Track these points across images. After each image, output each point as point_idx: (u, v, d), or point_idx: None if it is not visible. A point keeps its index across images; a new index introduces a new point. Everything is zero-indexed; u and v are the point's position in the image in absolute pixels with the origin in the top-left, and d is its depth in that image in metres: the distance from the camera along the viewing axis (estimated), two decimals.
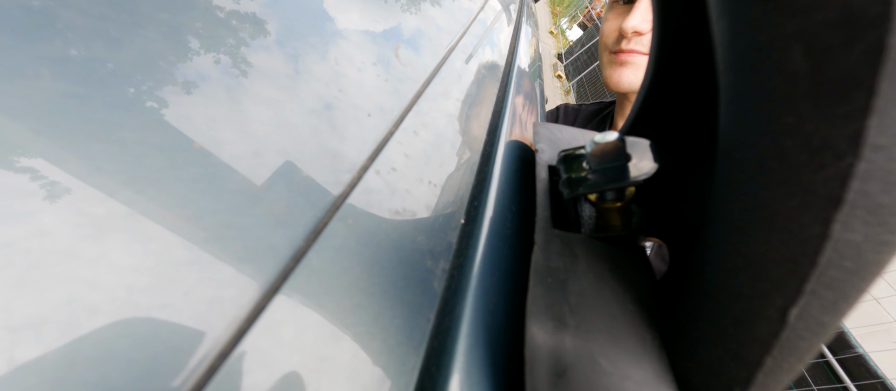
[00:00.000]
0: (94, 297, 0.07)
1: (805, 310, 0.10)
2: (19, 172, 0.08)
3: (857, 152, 0.08)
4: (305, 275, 0.11)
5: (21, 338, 0.07)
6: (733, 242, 0.11)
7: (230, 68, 0.13)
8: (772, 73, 0.09)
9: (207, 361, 0.08)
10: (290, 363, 0.10)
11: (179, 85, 0.11)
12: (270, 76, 0.14)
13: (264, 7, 0.16)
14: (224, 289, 0.09)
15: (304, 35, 0.17)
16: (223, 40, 0.13)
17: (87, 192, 0.08)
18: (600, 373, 0.12)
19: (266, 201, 0.11)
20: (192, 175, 0.10)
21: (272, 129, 0.13)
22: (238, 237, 0.10)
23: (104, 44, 0.10)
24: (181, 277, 0.09)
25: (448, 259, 0.16)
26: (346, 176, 0.14)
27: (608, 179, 0.17)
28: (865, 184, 0.08)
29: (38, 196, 0.08)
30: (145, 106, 0.10)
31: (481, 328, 0.14)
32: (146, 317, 0.08)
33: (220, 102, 0.12)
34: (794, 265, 0.09)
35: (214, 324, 0.09)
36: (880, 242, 0.09)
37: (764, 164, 0.09)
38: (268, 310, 0.10)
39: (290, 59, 0.15)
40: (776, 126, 0.09)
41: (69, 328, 0.07)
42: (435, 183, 0.18)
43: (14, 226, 0.07)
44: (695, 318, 0.12)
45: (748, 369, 0.11)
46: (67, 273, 0.07)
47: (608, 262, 0.16)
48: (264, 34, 0.15)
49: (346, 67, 0.18)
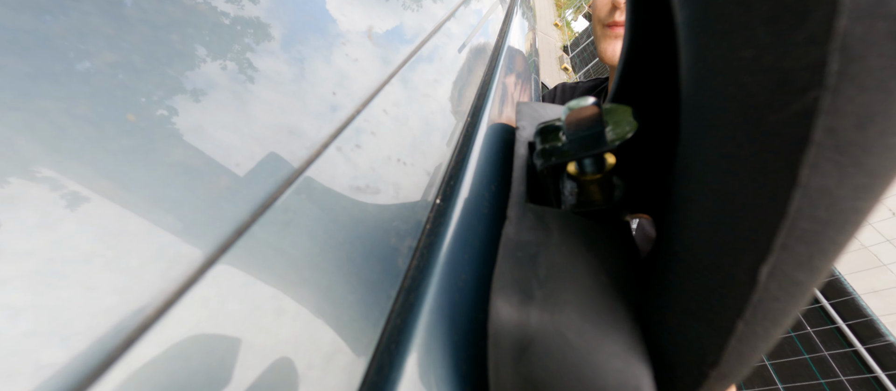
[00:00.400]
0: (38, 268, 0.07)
1: (777, 267, 0.09)
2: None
3: (823, 83, 0.07)
4: (246, 249, 0.10)
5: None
6: (698, 199, 0.10)
7: (171, 33, 0.12)
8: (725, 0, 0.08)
9: (124, 334, 0.08)
10: (220, 336, 0.09)
11: (119, 50, 0.11)
12: (219, 44, 0.14)
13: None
14: (148, 263, 0.09)
15: (268, 8, 0.17)
16: (172, 7, 0.13)
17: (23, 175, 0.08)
18: (566, 347, 0.12)
19: (207, 176, 0.11)
20: (123, 146, 0.10)
21: (220, 103, 0.12)
22: (170, 210, 0.10)
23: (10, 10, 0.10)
24: (100, 251, 0.08)
25: (416, 237, 0.16)
26: (302, 152, 0.14)
27: (583, 146, 0.16)
28: (835, 120, 0.07)
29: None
30: (75, 70, 0.10)
31: (447, 304, 0.14)
32: (68, 285, 0.08)
33: (162, 71, 0.11)
34: (762, 217, 0.09)
35: (137, 297, 0.08)
36: (856, 187, 0.08)
37: (724, 106, 0.09)
38: (200, 284, 0.09)
39: (246, 31, 0.15)
40: (734, 63, 0.08)
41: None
42: (406, 161, 0.18)
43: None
44: (666, 286, 0.12)
45: (720, 336, 0.10)
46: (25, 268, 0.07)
47: (583, 236, 0.15)
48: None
49: (310, 44, 0.17)
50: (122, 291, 0.08)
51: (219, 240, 0.10)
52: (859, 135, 0.07)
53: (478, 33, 0.37)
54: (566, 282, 0.13)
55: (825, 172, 0.08)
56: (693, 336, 0.11)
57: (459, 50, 0.31)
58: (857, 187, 0.08)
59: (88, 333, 0.08)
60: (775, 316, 0.09)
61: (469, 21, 0.37)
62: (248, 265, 0.10)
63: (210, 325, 0.09)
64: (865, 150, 0.07)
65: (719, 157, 0.09)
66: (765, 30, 0.07)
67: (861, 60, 0.07)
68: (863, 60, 0.07)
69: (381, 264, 0.14)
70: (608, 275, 0.14)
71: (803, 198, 0.08)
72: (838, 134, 0.07)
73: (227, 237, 0.10)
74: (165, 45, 0.12)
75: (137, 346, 0.08)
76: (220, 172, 0.11)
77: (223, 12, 0.14)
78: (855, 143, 0.07)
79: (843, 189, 0.08)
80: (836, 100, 0.07)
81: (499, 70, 0.34)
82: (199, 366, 0.09)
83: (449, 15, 0.33)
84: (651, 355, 0.12)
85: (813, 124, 0.07)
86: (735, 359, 0.10)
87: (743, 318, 0.09)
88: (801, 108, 0.07)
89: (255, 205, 0.11)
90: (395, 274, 0.14)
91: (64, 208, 0.08)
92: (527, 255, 0.14)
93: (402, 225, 0.15)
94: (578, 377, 0.11)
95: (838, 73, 0.07)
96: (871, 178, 0.08)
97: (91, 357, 0.07)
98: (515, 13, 0.58)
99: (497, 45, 0.40)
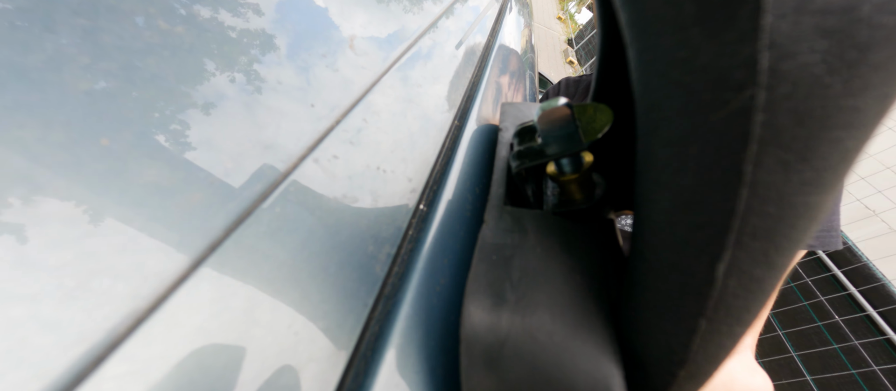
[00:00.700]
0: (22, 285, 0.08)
1: (733, 264, 0.09)
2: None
3: (756, 80, 0.07)
4: (218, 265, 0.11)
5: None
6: (656, 198, 0.10)
7: (150, 52, 0.13)
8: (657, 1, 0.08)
9: (97, 352, 0.08)
10: (195, 346, 0.10)
11: (96, 71, 0.11)
12: (195, 57, 0.14)
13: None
14: (120, 280, 0.09)
15: (247, 20, 0.17)
16: (150, 23, 0.13)
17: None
18: (536, 349, 0.12)
19: (183, 189, 0.11)
20: (98, 169, 0.10)
21: (194, 116, 0.13)
22: (145, 224, 0.10)
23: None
24: (74, 271, 0.09)
25: (395, 244, 0.16)
26: (278, 166, 0.14)
27: (557, 146, 0.16)
28: (773, 116, 0.07)
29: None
30: (53, 99, 0.10)
31: (423, 309, 0.14)
32: (47, 302, 0.08)
33: (140, 85, 0.12)
34: (713, 215, 0.08)
35: (110, 314, 0.09)
36: (803, 182, 0.08)
37: (669, 106, 0.09)
38: (175, 296, 0.10)
39: (223, 44, 0.15)
40: (672, 63, 0.08)
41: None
42: (386, 169, 0.18)
43: None
44: (635, 285, 0.11)
45: (685, 335, 0.10)
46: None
47: (560, 236, 0.15)
48: (198, 18, 0.15)
49: (291, 58, 0.18)
50: (96, 307, 0.09)
51: (195, 253, 0.11)
52: (800, 130, 0.07)
53: (466, 35, 0.37)
54: (540, 283, 0.13)
55: (770, 169, 0.08)
56: (660, 335, 0.10)
57: (446, 53, 0.31)
58: (804, 182, 0.08)
59: (67, 344, 0.08)
60: (738, 312, 0.09)
61: (458, 24, 0.37)
62: (223, 277, 0.11)
63: (186, 335, 0.10)
64: (808, 145, 0.07)
65: (670, 156, 0.09)
66: (697, 30, 0.07)
67: (792, 57, 0.07)
68: (794, 57, 0.07)
69: (357, 272, 0.14)
70: (583, 274, 0.14)
71: (752, 195, 0.08)
72: (778, 130, 0.07)
73: (202, 251, 0.11)
74: (145, 58, 0.13)
75: (117, 353, 0.08)
76: (195, 186, 0.12)
77: (200, 25, 0.15)
78: (797, 138, 0.07)
79: (791, 184, 0.08)
80: (771, 96, 0.07)
81: (489, 70, 0.34)
82: (174, 375, 0.09)
83: (435, 19, 0.33)
84: (624, 354, 0.12)
85: (752, 121, 0.07)
86: (702, 357, 0.10)
87: (705, 316, 0.09)
88: (738, 105, 0.07)
89: (229, 220, 0.12)
90: (372, 281, 0.14)
91: (44, 219, 0.09)
92: (501, 258, 0.14)
93: (381, 231, 0.16)
94: (548, 380, 0.11)
95: (770, 69, 0.07)
96: (819, 172, 0.08)
97: (70, 367, 0.08)
98: (508, 11, 0.58)
99: (487, 46, 0.40)
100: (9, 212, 0.09)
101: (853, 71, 0.07)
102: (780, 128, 0.07)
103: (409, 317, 0.13)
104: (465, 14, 0.40)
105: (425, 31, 0.30)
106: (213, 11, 0.16)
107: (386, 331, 0.13)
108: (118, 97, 0.12)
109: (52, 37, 0.11)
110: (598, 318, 0.12)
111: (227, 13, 0.16)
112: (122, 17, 0.13)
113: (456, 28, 0.36)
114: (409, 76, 0.24)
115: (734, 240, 0.08)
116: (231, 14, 0.16)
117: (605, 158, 0.19)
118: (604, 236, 0.16)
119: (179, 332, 0.10)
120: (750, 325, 0.10)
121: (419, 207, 0.18)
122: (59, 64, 0.11)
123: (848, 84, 0.07)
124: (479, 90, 0.30)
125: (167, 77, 0.13)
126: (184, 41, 0.14)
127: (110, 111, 0.11)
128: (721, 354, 0.10)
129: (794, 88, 0.07)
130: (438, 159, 0.22)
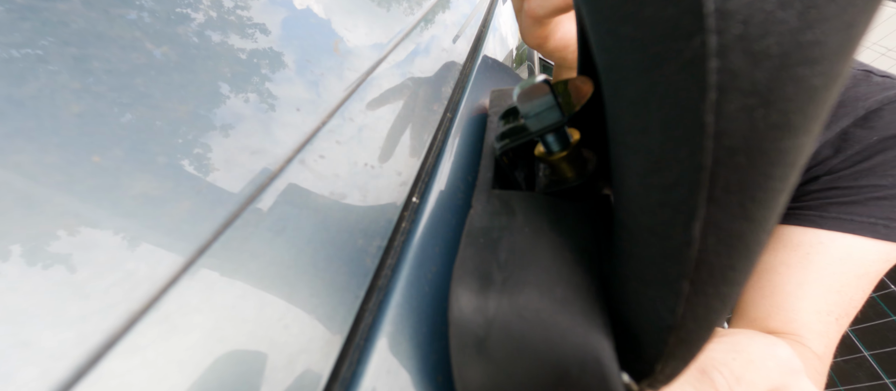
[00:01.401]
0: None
1: (710, 222, 0.08)
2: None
3: (704, 25, 0.07)
4: (209, 266, 0.11)
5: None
6: (628, 163, 0.10)
7: (137, 73, 0.14)
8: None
9: (95, 350, 0.09)
10: (188, 346, 0.10)
11: (86, 95, 0.12)
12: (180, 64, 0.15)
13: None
14: (116, 284, 0.10)
15: (231, 26, 0.18)
16: (120, 19, 0.14)
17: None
18: (525, 327, 0.12)
19: (171, 201, 0.12)
20: (92, 185, 0.11)
21: (184, 132, 0.13)
22: (137, 236, 0.11)
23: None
24: (64, 278, 0.09)
25: (386, 236, 0.16)
26: (265, 169, 0.15)
27: (539, 122, 0.15)
28: (727, 60, 0.07)
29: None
30: (47, 125, 0.11)
31: (414, 297, 0.14)
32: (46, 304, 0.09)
33: (128, 109, 0.13)
34: (682, 172, 0.08)
35: (107, 316, 0.09)
36: (771, 126, 0.07)
37: (626, 64, 0.08)
38: (166, 297, 0.10)
39: (208, 51, 0.16)
40: (623, 18, 0.08)
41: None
42: (373, 165, 0.18)
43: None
44: (620, 255, 0.11)
45: (671, 299, 0.09)
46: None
47: (550, 215, 0.15)
48: (182, 24, 0.16)
49: (276, 66, 0.18)
50: (94, 310, 0.09)
51: (186, 255, 0.11)
52: (758, 72, 0.07)
53: (458, 28, 0.37)
54: (528, 262, 0.13)
55: (733, 116, 0.07)
56: (647, 302, 0.10)
57: (436, 49, 0.31)
58: (772, 126, 0.07)
59: (69, 343, 0.09)
60: (723, 271, 0.09)
61: (449, 18, 0.37)
62: (213, 277, 0.11)
63: (180, 334, 0.10)
64: (770, 86, 0.07)
65: (634, 117, 0.09)
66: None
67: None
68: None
69: (348, 266, 0.14)
70: (572, 250, 0.13)
71: (718, 147, 0.08)
72: (736, 74, 0.07)
73: (192, 253, 0.11)
74: (132, 78, 0.13)
75: (114, 349, 0.09)
76: (184, 194, 0.12)
77: (185, 41, 0.15)
78: (756, 80, 0.07)
79: (758, 131, 0.07)
80: (722, 39, 0.07)
81: (479, 61, 0.34)
82: (170, 371, 0.10)
83: (423, 15, 0.33)
84: (617, 325, 0.12)
85: (706, 68, 0.07)
86: (691, 320, 0.10)
87: (688, 278, 0.09)
88: (691, 54, 0.07)
89: (217, 223, 0.12)
90: (363, 273, 0.14)
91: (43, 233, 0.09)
92: (489, 241, 0.14)
93: (371, 225, 0.16)
94: (537, 356, 0.11)
95: (717, 11, 0.06)
96: (786, 115, 0.07)
97: (69, 365, 0.09)
98: (501, 1, 0.57)
99: (479, 37, 0.39)
100: (11, 229, 0.09)
101: (808, 2, 0.06)
102: (736, 72, 0.07)
103: (400, 306, 0.14)
104: (456, 8, 0.40)
105: (412, 28, 0.30)
106: (198, 27, 0.16)
107: (378, 321, 0.13)
108: (107, 117, 0.12)
109: (45, 66, 0.12)
110: (588, 292, 0.12)
111: (213, 29, 0.17)
112: (109, 42, 0.14)
113: (447, 22, 0.36)
114: (396, 73, 0.25)
115: (707, 197, 0.08)
116: (216, 27, 0.17)
117: (595, 134, 0.18)
118: (596, 211, 0.16)
119: (174, 331, 0.10)
120: (739, 284, 0.09)
121: (411, 200, 0.19)
122: (52, 91, 0.12)
123: (804, 16, 0.06)
124: (470, 81, 0.30)
125: (154, 94, 0.14)
126: (169, 59, 0.15)
127: (100, 130, 0.12)
128: (712, 316, 0.10)
129: (745, 28, 0.06)
130: (430, 151, 0.22)
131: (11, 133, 0.11)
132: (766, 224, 0.09)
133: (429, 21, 0.34)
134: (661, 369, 0.11)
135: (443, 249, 0.16)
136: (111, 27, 0.14)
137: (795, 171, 0.08)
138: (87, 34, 0.14)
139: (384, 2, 0.30)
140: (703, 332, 0.10)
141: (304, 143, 0.16)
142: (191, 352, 0.10)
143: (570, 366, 0.11)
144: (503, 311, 0.12)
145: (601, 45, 0.09)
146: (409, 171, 0.19)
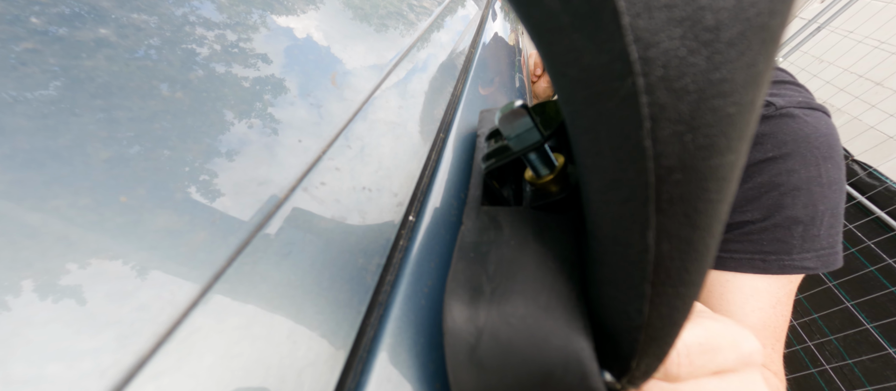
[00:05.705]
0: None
1: (661, 230, 0.10)
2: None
3: (632, 69, 0.08)
4: (223, 291, 0.13)
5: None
6: (590, 179, 0.11)
7: (155, 119, 0.15)
8: (536, 10, 0.09)
9: (129, 366, 0.10)
10: (206, 369, 0.11)
11: (112, 142, 0.14)
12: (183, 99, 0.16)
13: (199, 32, 0.19)
14: (143, 309, 0.11)
15: (233, 60, 0.19)
16: (139, 71, 0.16)
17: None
18: (512, 333, 0.13)
19: (189, 233, 0.13)
20: (120, 223, 0.12)
21: (198, 170, 0.15)
22: (159, 266, 0.12)
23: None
24: (106, 304, 0.11)
25: (385, 254, 0.17)
26: (271, 198, 0.16)
27: (520, 142, 0.17)
28: (654, 96, 0.08)
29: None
30: (79, 171, 0.12)
31: (412, 311, 0.15)
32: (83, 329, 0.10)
33: (150, 152, 0.14)
34: (632, 189, 0.09)
35: (134, 337, 0.11)
36: (699, 147, 0.09)
37: (577, 98, 0.10)
38: (185, 324, 0.11)
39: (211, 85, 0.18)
40: (569, 62, 0.09)
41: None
42: (371, 188, 0.20)
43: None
44: (592, 262, 0.12)
45: (637, 301, 0.11)
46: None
47: (535, 227, 0.16)
48: (189, 66, 0.18)
49: (279, 103, 0.20)
50: (126, 334, 0.11)
51: (203, 282, 0.12)
52: (681, 104, 0.08)
53: (448, 51, 0.39)
54: (514, 273, 0.14)
55: (666, 140, 0.08)
56: (619, 304, 0.11)
57: (427, 73, 0.33)
58: (700, 147, 0.09)
59: (93, 370, 0.10)
60: (678, 273, 0.10)
61: (440, 40, 0.39)
62: (227, 301, 0.12)
63: (200, 352, 0.11)
64: (693, 116, 0.08)
65: (588, 142, 0.10)
66: (577, 35, 0.08)
67: (656, 45, 0.08)
68: (657, 45, 0.08)
69: (349, 284, 0.15)
70: (555, 260, 0.15)
71: (658, 166, 0.09)
72: (663, 106, 0.08)
73: (208, 279, 0.13)
74: (151, 124, 0.15)
75: (144, 369, 0.10)
76: (200, 226, 0.14)
77: (196, 86, 0.17)
78: (680, 111, 0.08)
79: (688, 152, 0.09)
80: (648, 80, 0.08)
81: (470, 82, 0.36)
82: (193, 384, 0.11)
83: (413, 43, 0.35)
84: (596, 327, 0.13)
85: (639, 102, 0.08)
86: (657, 319, 0.11)
87: (649, 281, 0.10)
88: (625, 91, 0.08)
89: (230, 251, 0.14)
90: (364, 291, 0.15)
91: (78, 269, 0.11)
92: (478, 255, 0.15)
93: (370, 245, 0.17)
94: (524, 359, 0.12)
95: (641, 59, 0.08)
96: (710, 138, 0.08)
97: (108, 376, 0.10)
98: (491, 18, 0.59)
99: (469, 57, 0.41)
100: (49, 266, 0.11)
101: (711, 48, 0.08)
102: (664, 105, 0.08)
103: (399, 319, 0.15)
104: (446, 31, 0.42)
105: (404, 55, 0.32)
106: (206, 75, 0.18)
107: (379, 335, 0.14)
108: (132, 160, 0.14)
109: (77, 119, 0.14)
110: (569, 298, 0.13)
111: (221, 76, 0.19)
112: (130, 93, 0.15)
113: (438, 44, 0.38)
114: (390, 99, 0.26)
115: (655, 208, 0.09)
116: (224, 74, 0.19)
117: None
118: (577, 223, 0.17)
119: (194, 349, 0.11)
120: (696, 285, 0.11)
121: (408, 218, 0.20)
122: (83, 141, 0.13)
123: (711, 60, 0.08)
124: (461, 101, 0.32)
125: (171, 137, 0.15)
126: (183, 103, 0.16)
127: (126, 173, 0.13)
128: (675, 315, 0.11)
129: (665, 70, 0.08)
130: (424, 172, 0.23)
131: (50, 180, 0.12)
132: (711, 229, 0.10)
133: (424, 40, 0.36)
134: (637, 365, 0.12)
135: (438, 264, 0.18)
136: (131, 79, 0.16)
137: (729, 184, 0.09)
138: (111, 86, 0.15)
139: (379, 29, 0.32)
140: (669, 329, 0.11)
141: (307, 172, 0.18)
142: (210, 370, 0.11)
143: (554, 367, 0.12)
144: (492, 320, 0.13)
145: (557, 83, 0.10)
146: (404, 192, 0.21)
